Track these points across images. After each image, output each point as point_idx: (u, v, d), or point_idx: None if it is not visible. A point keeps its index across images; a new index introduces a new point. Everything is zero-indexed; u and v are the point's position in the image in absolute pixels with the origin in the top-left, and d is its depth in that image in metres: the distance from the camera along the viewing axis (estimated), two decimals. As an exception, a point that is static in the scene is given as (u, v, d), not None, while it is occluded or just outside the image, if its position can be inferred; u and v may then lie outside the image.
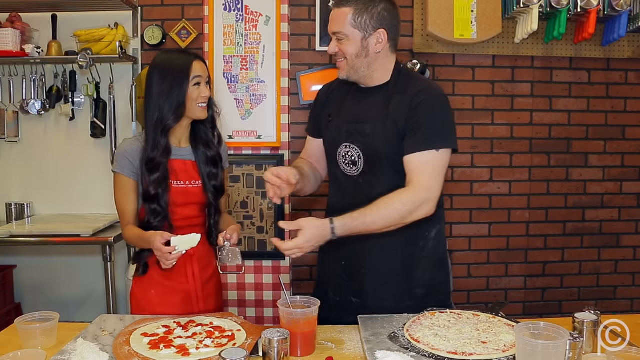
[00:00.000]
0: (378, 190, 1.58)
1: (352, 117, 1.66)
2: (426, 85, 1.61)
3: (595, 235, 3.06)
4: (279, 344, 1.20)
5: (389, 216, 1.49)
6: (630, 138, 3.03)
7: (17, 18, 2.82)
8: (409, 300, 1.64)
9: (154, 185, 1.64)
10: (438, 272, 1.70)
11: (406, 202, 1.50)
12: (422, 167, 1.53)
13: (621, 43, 2.90)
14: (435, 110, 1.56)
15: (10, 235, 2.56)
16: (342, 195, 1.71)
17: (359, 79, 1.65)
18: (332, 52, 1.63)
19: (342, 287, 1.70)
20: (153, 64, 1.70)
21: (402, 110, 1.57)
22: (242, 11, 2.71)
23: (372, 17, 1.56)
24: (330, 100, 1.79)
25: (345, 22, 1.56)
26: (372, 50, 1.59)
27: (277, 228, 2.76)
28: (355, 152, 1.63)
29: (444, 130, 1.56)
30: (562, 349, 1.11)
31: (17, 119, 2.99)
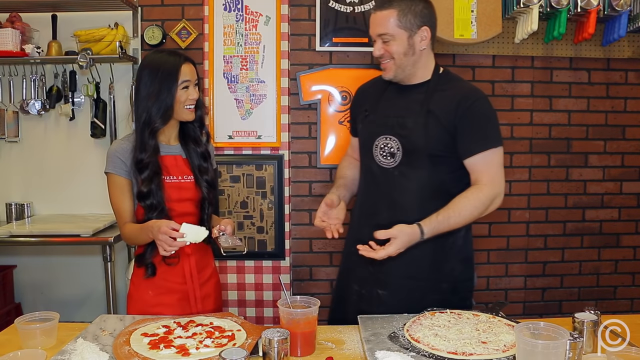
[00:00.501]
0: (413, 183, 1.67)
1: (392, 111, 1.73)
2: (471, 88, 1.72)
3: (595, 235, 3.06)
4: (279, 344, 1.20)
5: (469, 215, 1.61)
6: (630, 138, 3.03)
7: (17, 18, 2.82)
8: (435, 294, 1.68)
9: (146, 183, 1.65)
10: (464, 269, 1.76)
11: (484, 200, 1.61)
12: (488, 165, 1.64)
13: (621, 43, 2.90)
14: (489, 111, 1.68)
15: (10, 235, 2.56)
16: (375, 187, 1.76)
17: (404, 77, 1.72)
18: (378, 54, 1.69)
19: (369, 280, 1.74)
20: (142, 65, 1.71)
21: (448, 109, 1.64)
22: (242, 11, 2.71)
23: (416, 15, 1.64)
24: (366, 97, 1.86)
25: (391, 23, 1.63)
26: (417, 47, 1.67)
27: (277, 228, 2.77)
28: (395, 143, 1.69)
29: (496, 129, 1.69)
30: (562, 349, 1.11)
31: (17, 119, 2.98)
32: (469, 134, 1.63)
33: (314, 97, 2.88)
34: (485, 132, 1.65)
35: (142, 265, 1.71)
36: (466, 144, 1.64)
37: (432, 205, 1.64)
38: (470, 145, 1.64)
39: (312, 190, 2.94)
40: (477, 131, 1.64)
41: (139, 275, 1.75)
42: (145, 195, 1.65)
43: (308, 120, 2.92)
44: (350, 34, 2.85)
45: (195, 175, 1.74)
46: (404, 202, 1.69)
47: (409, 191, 1.68)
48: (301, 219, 2.95)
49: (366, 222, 1.76)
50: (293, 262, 2.93)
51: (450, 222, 1.59)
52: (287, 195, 2.78)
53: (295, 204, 2.93)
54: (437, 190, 1.68)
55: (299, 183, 2.94)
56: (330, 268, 2.97)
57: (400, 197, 1.69)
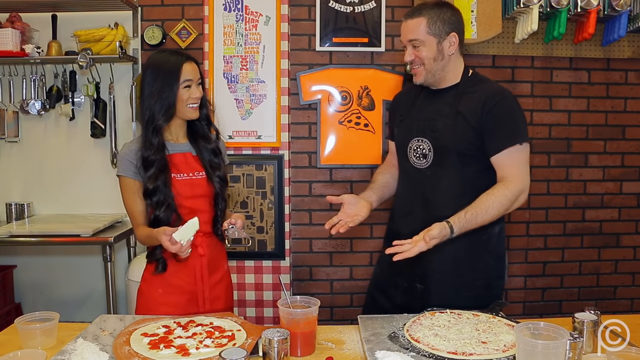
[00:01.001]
0: (444, 181, 1.75)
1: (424, 114, 1.82)
2: (497, 87, 1.78)
3: (595, 235, 3.06)
4: (279, 344, 1.20)
5: (496, 212, 1.65)
6: (630, 138, 3.03)
7: (17, 18, 2.82)
8: (470, 291, 1.74)
9: (152, 180, 1.66)
10: (497, 267, 1.82)
11: (509, 196, 1.66)
12: (513, 162, 1.69)
13: (621, 43, 2.90)
14: (514, 109, 1.72)
15: (10, 235, 2.56)
16: (410, 187, 1.86)
17: (434, 82, 1.80)
18: (409, 60, 1.77)
19: (408, 274, 1.80)
20: (146, 64, 1.73)
21: (475, 109, 1.71)
22: (242, 11, 2.71)
23: (444, 22, 1.73)
24: (400, 104, 1.96)
25: (421, 29, 1.72)
26: (446, 52, 1.75)
27: (277, 228, 2.76)
28: (426, 145, 1.78)
29: (522, 126, 1.72)
30: (562, 349, 1.11)
31: (17, 119, 2.99)
32: (495, 132, 1.69)
33: (314, 97, 2.88)
34: (510, 129, 1.70)
35: (153, 261, 1.72)
36: (492, 142, 1.70)
37: (463, 203, 1.68)
38: (496, 142, 1.69)
39: (312, 190, 2.94)
40: (503, 129, 1.69)
41: (149, 271, 1.75)
42: (152, 193, 1.66)
43: (308, 120, 2.92)
44: (350, 34, 2.85)
45: (207, 171, 1.75)
46: (436, 201, 1.77)
47: (440, 190, 1.76)
48: (301, 219, 2.95)
49: (402, 220, 1.87)
50: (293, 262, 2.93)
51: (477, 220, 1.64)
52: (287, 195, 2.78)
53: (295, 204, 2.93)
54: (467, 188, 1.73)
55: (299, 183, 2.94)
56: (330, 268, 2.97)
57: (433, 195, 1.77)
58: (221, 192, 1.77)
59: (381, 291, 1.93)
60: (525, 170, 1.71)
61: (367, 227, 2.96)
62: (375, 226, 2.95)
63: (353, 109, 2.88)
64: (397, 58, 2.87)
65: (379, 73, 2.87)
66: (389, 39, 2.87)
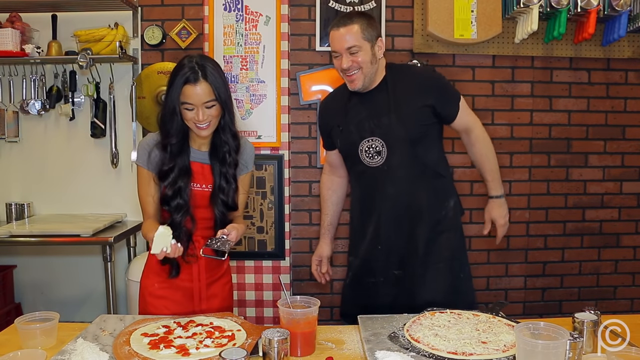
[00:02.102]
0: (403, 171, 1.87)
1: (364, 117, 1.90)
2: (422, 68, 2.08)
3: (595, 235, 3.06)
4: (279, 344, 1.20)
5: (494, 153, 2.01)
6: (630, 138, 3.03)
7: (17, 18, 2.82)
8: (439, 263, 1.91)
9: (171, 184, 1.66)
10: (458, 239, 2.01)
11: (485, 137, 1.99)
12: (467, 112, 1.96)
13: (621, 43, 2.90)
14: (443, 77, 2.00)
15: (10, 235, 2.56)
16: (369, 187, 1.95)
17: (368, 85, 1.89)
18: (347, 66, 1.84)
19: (381, 267, 1.94)
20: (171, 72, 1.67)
21: (414, 92, 1.88)
22: (242, 11, 2.71)
23: (373, 28, 1.85)
24: (333, 114, 2.02)
25: (357, 35, 1.81)
26: (377, 56, 1.87)
27: (277, 228, 2.76)
28: (379, 142, 1.87)
29: (451, 85, 2.03)
30: (562, 349, 1.11)
31: (17, 119, 2.98)
32: (447, 103, 1.91)
33: (314, 97, 2.88)
34: (452, 95, 1.94)
35: (166, 263, 1.69)
36: (450, 110, 1.92)
37: (422, 186, 1.90)
38: (452, 108, 1.92)
39: (312, 190, 2.94)
40: (447, 97, 1.92)
41: (150, 266, 1.76)
42: (172, 197, 1.66)
43: (308, 120, 2.91)
44: (350, 34, 2.84)
45: (213, 190, 1.72)
46: (399, 191, 1.89)
47: (400, 180, 1.88)
48: (301, 219, 2.95)
49: (369, 218, 1.95)
50: (293, 262, 2.92)
51: (495, 169, 1.99)
52: (287, 195, 2.78)
53: (295, 204, 2.93)
54: (423, 172, 1.90)
55: (299, 183, 2.94)
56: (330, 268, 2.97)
57: (394, 188, 1.88)
58: (220, 217, 1.73)
59: (355, 295, 2.02)
60: (473, 113, 1.99)
61: (367, 227, 2.96)
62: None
63: (353, 109, 2.87)
64: (397, 58, 2.87)
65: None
66: (388, 39, 2.86)
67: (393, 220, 1.90)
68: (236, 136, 1.75)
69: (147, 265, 1.80)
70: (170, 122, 1.65)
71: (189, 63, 1.62)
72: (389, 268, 1.93)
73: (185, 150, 1.69)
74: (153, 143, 1.70)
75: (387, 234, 1.91)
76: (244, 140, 1.81)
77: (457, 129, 1.98)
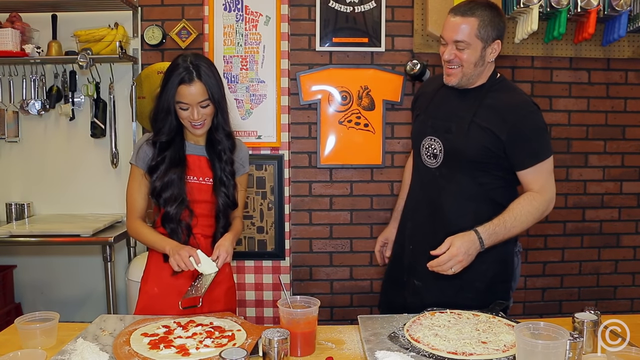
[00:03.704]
0: (452, 185, 1.72)
1: (440, 113, 1.78)
2: (523, 100, 1.72)
3: (595, 235, 3.06)
4: (279, 344, 1.20)
5: (526, 221, 1.66)
6: (630, 138, 3.03)
7: (17, 18, 2.82)
8: (469, 292, 1.72)
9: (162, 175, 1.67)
10: (501, 271, 1.78)
11: (539, 207, 1.67)
12: (541, 175, 1.68)
13: (621, 43, 2.90)
14: (539, 125, 1.68)
15: (10, 235, 2.56)
16: (419, 185, 1.86)
17: (465, 84, 1.73)
18: (448, 58, 1.68)
19: (409, 270, 1.84)
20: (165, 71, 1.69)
21: (496, 119, 1.66)
22: (242, 11, 2.71)
23: (494, 28, 1.66)
24: (420, 98, 1.94)
25: (471, 31, 1.63)
26: (487, 59, 1.69)
27: (277, 228, 2.76)
28: (438, 145, 1.75)
29: (548, 140, 1.70)
30: (562, 349, 1.11)
31: (17, 119, 2.98)
32: (521, 148, 1.66)
33: (314, 97, 2.88)
34: (536, 146, 1.67)
35: (167, 260, 1.68)
36: (518, 157, 1.67)
37: (470, 208, 1.71)
38: (523, 159, 1.67)
39: (312, 190, 2.94)
40: (529, 145, 1.66)
41: (149, 270, 1.76)
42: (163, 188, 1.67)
43: (308, 120, 2.91)
44: (350, 34, 2.84)
45: (215, 182, 1.73)
46: (442, 202, 1.75)
47: (447, 192, 1.74)
48: (301, 219, 2.95)
49: (410, 216, 1.89)
50: (293, 262, 2.92)
51: (507, 227, 1.62)
52: (287, 195, 2.78)
53: (295, 204, 2.93)
54: (475, 194, 1.72)
55: (299, 183, 2.94)
56: (330, 268, 2.97)
57: (439, 197, 1.75)
58: (223, 209, 1.74)
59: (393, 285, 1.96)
60: (551, 181, 1.70)
61: (367, 227, 2.96)
62: (375, 226, 2.95)
63: (353, 109, 2.87)
64: (397, 58, 2.87)
65: (379, 73, 2.87)
66: (389, 39, 2.86)
67: (429, 229, 1.76)
68: (230, 136, 1.76)
69: (147, 269, 1.79)
70: (163, 121, 1.68)
71: (183, 63, 1.63)
72: (412, 274, 1.81)
73: (178, 144, 1.71)
74: (144, 140, 1.73)
75: (419, 240, 1.79)
76: (238, 140, 1.83)
77: (520, 179, 1.71)
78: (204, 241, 1.74)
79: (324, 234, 2.95)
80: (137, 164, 1.72)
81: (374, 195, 2.94)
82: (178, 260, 1.56)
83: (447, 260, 1.55)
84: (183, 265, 1.56)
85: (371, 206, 2.95)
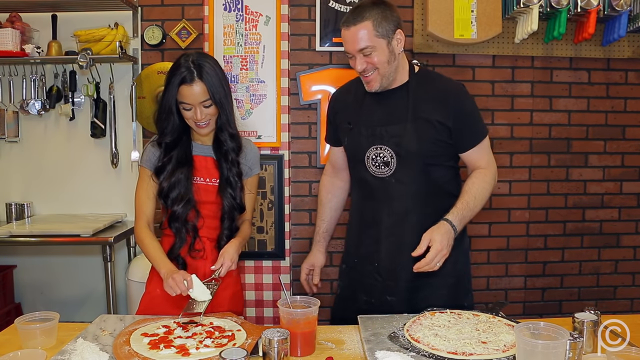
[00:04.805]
0: (410, 187, 1.71)
1: (377, 120, 1.73)
2: (452, 83, 1.77)
3: (595, 235, 3.06)
4: (279, 344, 1.20)
5: (484, 198, 1.71)
6: (630, 138, 3.03)
7: (17, 18, 2.82)
8: (442, 289, 1.73)
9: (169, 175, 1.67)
10: (465, 261, 1.83)
11: (490, 181, 1.74)
12: (485, 152, 1.75)
13: (621, 43, 2.90)
14: (473, 105, 1.75)
15: (10, 235, 2.56)
16: (371, 197, 1.78)
17: (387, 85, 1.71)
18: (361, 68, 1.67)
19: (377, 288, 1.76)
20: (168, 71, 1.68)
21: (435, 108, 1.68)
22: (242, 11, 2.71)
23: (389, 21, 1.64)
24: (345, 107, 1.85)
25: (369, 34, 1.62)
26: (396, 52, 1.67)
27: (277, 228, 2.76)
28: (388, 152, 1.70)
29: (482, 119, 1.77)
30: (562, 349, 1.11)
31: (17, 119, 2.98)
32: (464, 130, 1.70)
33: (314, 97, 2.88)
34: (477, 125, 1.74)
35: (172, 259, 1.68)
36: (464, 140, 1.72)
37: (431, 205, 1.71)
38: (467, 140, 1.72)
39: (312, 190, 2.94)
40: (471, 126, 1.72)
41: (154, 270, 1.75)
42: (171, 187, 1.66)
43: (308, 120, 2.91)
44: (350, 34, 2.84)
45: (221, 183, 1.72)
46: (405, 207, 1.72)
47: (407, 196, 1.72)
48: (301, 219, 2.95)
49: (368, 231, 1.80)
50: (293, 262, 2.92)
51: (471, 207, 1.67)
52: (287, 195, 2.78)
53: (295, 204, 2.93)
54: (433, 190, 1.74)
55: (299, 183, 2.94)
56: (330, 268, 2.97)
57: (400, 203, 1.72)
58: (229, 211, 1.73)
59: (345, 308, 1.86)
60: (492, 156, 1.78)
61: (367, 227, 2.95)
62: (375, 226, 2.94)
63: (353, 109, 2.87)
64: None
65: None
66: (389, 39, 2.86)
67: (395, 239, 1.72)
68: (234, 137, 1.74)
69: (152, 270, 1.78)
70: (165, 121, 1.68)
71: (185, 62, 1.63)
72: (383, 292, 1.75)
73: (184, 144, 1.71)
74: (150, 142, 1.74)
75: (386, 252, 1.74)
76: (246, 141, 1.81)
77: (464, 160, 1.77)
78: (209, 244, 1.74)
79: (324, 234, 2.95)
80: (144, 165, 1.72)
81: (374, 195, 2.94)
82: (172, 284, 1.52)
83: (434, 258, 1.55)
84: (177, 289, 1.52)
85: (371, 206, 2.95)
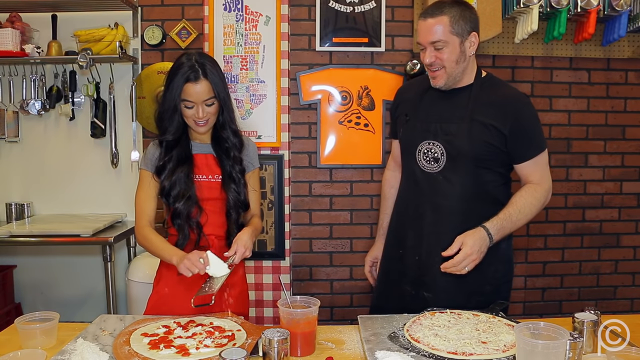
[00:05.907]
0: (457, 187, 1.70)
1: (434, 115, 1.75)
2: (516, 92, 1.75)
3: (595, 235, 3.06)
4: (279, 344, 1.20)
5: (530, 213, 1.68)
6: (630, 138, 3.03)
7: (17, 18, 2.82)
8: (479, 296, 1.70)
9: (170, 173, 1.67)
10: (506, 271, 1.80)
11: (540, 198, 1.70)
12: (539, 167, 1.72)
13: (621, 43, 2.90)
14: (535, 116, 1.72)
15: (10, 235, 2.56)
16: (418, 191, 1.78)
17: (452, 84, 1.72)
18: (430, 62, 1.68)
19: (415, 282, 1.78)
20: (169, 70, 1.68)
21: (494, 114, 1.67)
22: (242, 11, 2.71)
23: (466, 21, 1.65)
24: (404, 101, 1.88)
25: (444, 29, 1.63)
26: (467, 53, 1.68)
27: (277, 228, 2.76)
28: (439, 149, 1.71)
29: (542, 132, 1.75)
30: (562, 349, 1.11)
31: (17, 119, 2.98)
32: (521, 141, 1.68)
33: (314, 97, 2.88)
34: (535, 138, 1.70)
35: None
36: (519, 150, 1.69)
37: (476, 209, 1.70)
38: (523, 151, 1.70)
39: (312, 190, 2.94)
40: (529, 138, 1.69)
41: (161, 270, 1.76)
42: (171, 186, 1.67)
43: (308, 120, 2.92)
44: (350, 34, 2.84)
45: (224, 179, 1.73)
46: (449, 206, 1.72)
47: (453, 195, 1.71)
48: (301, 219, 2.95)
49: (410, 224, 1.81)
50: (293, 262, 2.92)
51: (513, 220, 1.64)
52: (287, 195, 2.78)
53: (295, 204, 2.93)
54: (480, 193, 1.72)
55: (299, 183, 2.94)
56: (330, 268, 2.97)
57: (445, 201, 1.72)
58: (234, 206, 1.73)
59: (386, 297, 1.89)
60: (548, 172, 1.75)
61: (367, 227, 2.96)
62: (375, 226, 2.93)
63: (353, 109, 2.88)
64: (397, 58, 2.87)
65: (379, 73, 2.87)
66: (389, 39, 2.86)
67: (435, 236, 1.72)
68: (237, 133, 1.77)
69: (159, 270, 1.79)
70: (169, 120, 1.68)
71: (188, 61, 1.64)
72: (420, 286, 1.76)
73: (184, 142, 1.71)
74: (152, 143, 1.74)
75: (427, 248, 1.74)
76: (245, 138, 1.82)
77: (518, 173, 1.74)
78: (217, 242, 1.73)
79: (324, 234, 2.95)
80: (145, 167, 1.73)
81: (374, 195, 2.94)
82: (188, 265, 1.52)
83: (462, 260, 1.55)
84: (194, 268, 1.52)
85: (371, 206, 2.95)
